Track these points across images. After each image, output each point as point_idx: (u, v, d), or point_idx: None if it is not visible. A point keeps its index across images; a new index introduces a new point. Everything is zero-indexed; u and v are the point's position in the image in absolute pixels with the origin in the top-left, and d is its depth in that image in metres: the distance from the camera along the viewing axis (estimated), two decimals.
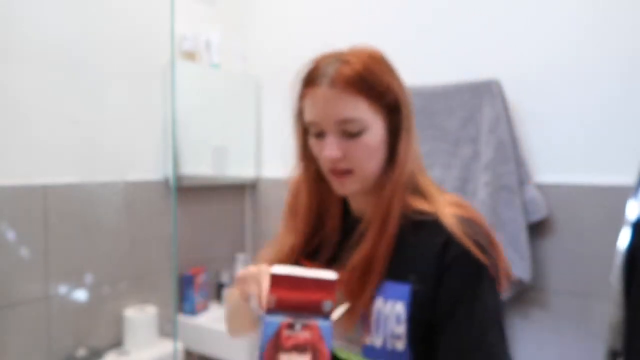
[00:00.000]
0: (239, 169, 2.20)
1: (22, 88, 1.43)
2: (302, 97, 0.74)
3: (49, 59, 1.49)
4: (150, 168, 1.83)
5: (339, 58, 0.71)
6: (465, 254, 0.65)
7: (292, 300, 0.54)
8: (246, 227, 2.29)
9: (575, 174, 1.52)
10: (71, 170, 1.56)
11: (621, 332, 1.12)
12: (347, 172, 0.70)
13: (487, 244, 0.66)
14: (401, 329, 0.66)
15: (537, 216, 1.52)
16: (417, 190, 0.73)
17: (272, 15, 2.22)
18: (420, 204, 0.72)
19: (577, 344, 1.49)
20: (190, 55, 1.95)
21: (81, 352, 1.56)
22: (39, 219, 1.47)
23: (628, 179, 1.34)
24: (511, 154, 1.53)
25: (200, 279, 1.97)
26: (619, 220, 1.16)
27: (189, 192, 1.97)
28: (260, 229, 2.26)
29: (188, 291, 1.94)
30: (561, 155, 1.54)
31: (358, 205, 0.78)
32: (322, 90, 0.69)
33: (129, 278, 1.74)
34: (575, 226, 1.52)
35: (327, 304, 0.54)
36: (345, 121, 0.67)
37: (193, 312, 1.94)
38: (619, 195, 1.34)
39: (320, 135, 0.71)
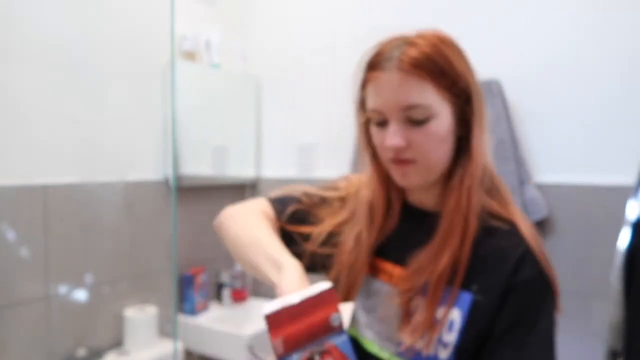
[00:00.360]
0: (239, 169, 2.20)
1: (22, 88, 1.43)
2: (364, 83, 0.68)
3: (49, 59, 1.49)
4: (150, 168, 1.83)
5: (406, 41, 0.65)
6: (541, 273, 0.62)
7: (298, 333, 0.48)
8: None
9: (575, 174, 1.52)
10: (71, 170, 1.56)
11: (621, 332, 1.12)
12: (409, 162, 0.65)
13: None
14: (451, 337, 0.62)
15: (537, 216, 1.53)
16: (492, 191, 0.68)
17: (272, 15, 2.22)
18: (495, 207, 0.67)
19: (577, 344, 1.49)
20: (190, 55, 1.95)
21: (81, 352, 1.56)
22: (39, 219, 1.47)
23: (628, 179, 1.34)
24: (511, 154, 1.53)
25: (200, 279, 1.97)
26: (619, 220, 1.15)
27: (189, 192, 1.97)
28: None
29: (188, 291, 1.94)
30: (561, 155, 1.54)
31: (417, 197, 0.73)
32: (386, 75, 0.63)
33: (129, 278, 1.74)
34: (575, 226, 1.52)
35: (334, 318, 0.49)
36: (410, 107, 0.62)
37: (193, 312, 1.94)
38: (619, 195, 1.34)
39: (383, 124, 0.66)
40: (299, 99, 2.16)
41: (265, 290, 2.24)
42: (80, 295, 1.59)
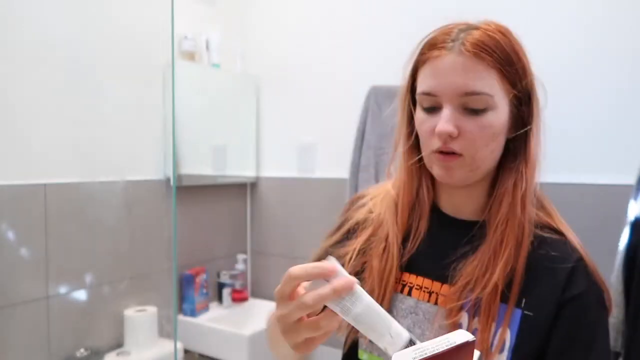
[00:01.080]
0: (239, 169, 2.20)
1: (22, 88, 1.43)
2: (418, 64, 0.62)
3: (49, 59, 1.49)
4: (150, 168, 1.83)
5: (471, 25, 0.61)
6: (594, 286, 0.59)
7: None
8: (246, 226, 2.29)
9: (575, 174, 1.52)
10: (71, 170, 1.56)
11: (621, 332, 1.12)
12: (455, 155, 0.58)
13: None
14: (502, 358, 0.57)
15: None
16: (538, 200, 0.64)
17: (272, 15, 2.22)
18: (542, 216, 0.64)
19: None
20: (190, 55, 1.94)
21: (81, 352, 1.56)
22: (39, 219, 1.47)
23: (628, 179, 1.34)
24: None
25: (200, 279, 1.97)
26: (619, 219, 1.16)
27: (189, 191, 1.97)
28: (260, 228, 2.26)
29: (188, 291, 1.94)
30: (561, 155, 1.54)
31: (453, 203, 0.66)
32: (449, 56, 0.57)
33: (129, 278, 1.74)
34: (574, 226, 1.51)
35: None
36: (471, 94, 0.56)
37: (193, 312, 1.93)
38: (619, 195, 1.34)
39: (433, 109, 0.59)
40: (299, 98, 2.16)
41: (265, 290, 2.24)
42: (80, 295, 1.59)
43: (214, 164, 2.08)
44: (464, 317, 0.59)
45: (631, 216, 1.11)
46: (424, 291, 0.63)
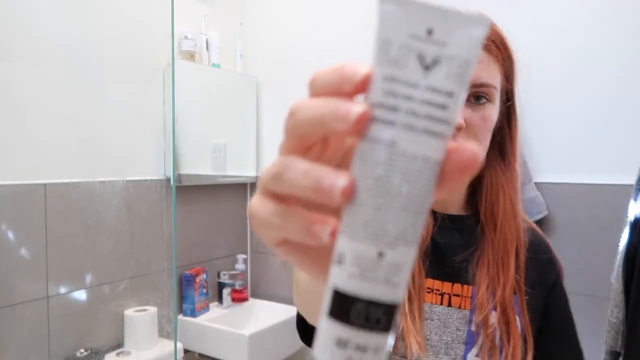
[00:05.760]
0: (239, 169, 2.20)
1: (22, 88, 1.43)
2: None
3: (49, 59, 1.49)
4: (150, 167, 1.83)
5: None
6: (561, 267, 0.67)
7: None
8: (246, 226, 2.29)
9: (575, 174, 1.52)
10: (71, 170, 1.56)
11: (621, 332, 1.12)
12: None
13: None
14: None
15: (538, 215, 1.52)
16: None
17: (271, 15, 2.22)
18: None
19: None
20: (190, 55, 1.94)
21: (81, 352, 1.56)
22: (39, 219, 1.47)
23: (628, 179, 1.34)
24: None
25: (200, 279, 1.97)
26: (619, 219, 1.16)
27: (189, 191, 1.97)
28: None
29: (188, 291, 1.94)
30: (561, 155, 1.54)
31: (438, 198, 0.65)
32: None
33: (129, 278, 1.74)
34: (574, 225, 1.52)
35: None
36: (480, 85, 0.56)
37: (193, 312, 1.93)
38: (619, 195, 1.34)
39: None
40: (299, 98, 2.15)
41: (265, 290, 2.23)
42: (80, 295, 1.59)
43: (213, 163, 2.08)
44: (492, 316, 0.59)
45: (631, 216, 1.11)
46: (435, 293, 0.60)
